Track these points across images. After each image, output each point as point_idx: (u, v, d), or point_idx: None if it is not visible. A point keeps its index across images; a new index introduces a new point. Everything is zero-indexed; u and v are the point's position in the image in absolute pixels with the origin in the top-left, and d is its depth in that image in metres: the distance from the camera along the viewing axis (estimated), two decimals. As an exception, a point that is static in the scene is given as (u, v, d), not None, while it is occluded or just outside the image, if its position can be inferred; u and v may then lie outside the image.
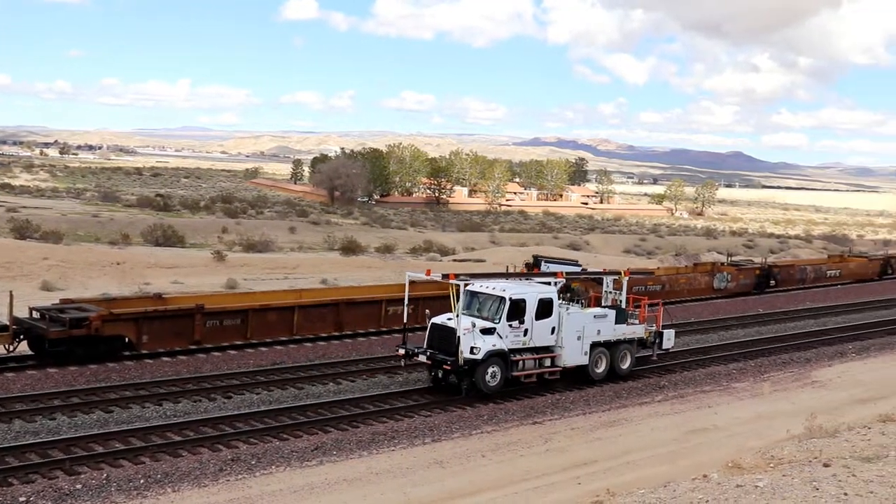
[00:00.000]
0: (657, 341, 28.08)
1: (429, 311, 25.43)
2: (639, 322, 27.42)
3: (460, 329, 23.08)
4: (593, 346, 25.89)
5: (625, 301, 27.73)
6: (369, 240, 76.68)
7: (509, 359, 23.87)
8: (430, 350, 23.92)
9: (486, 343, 23.26)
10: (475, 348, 23.04)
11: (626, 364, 27.10)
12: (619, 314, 26.73)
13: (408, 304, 25.84)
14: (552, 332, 24.77)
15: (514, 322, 23.85)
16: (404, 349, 24.62)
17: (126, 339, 25.75)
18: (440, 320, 24.27)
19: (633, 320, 27.23)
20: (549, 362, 24.91)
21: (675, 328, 30.22)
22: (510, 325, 23.79)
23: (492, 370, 23.49)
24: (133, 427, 19.92)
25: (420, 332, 26.45)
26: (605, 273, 29.36)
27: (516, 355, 24.08)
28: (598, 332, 26.01)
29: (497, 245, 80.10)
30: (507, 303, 23.74)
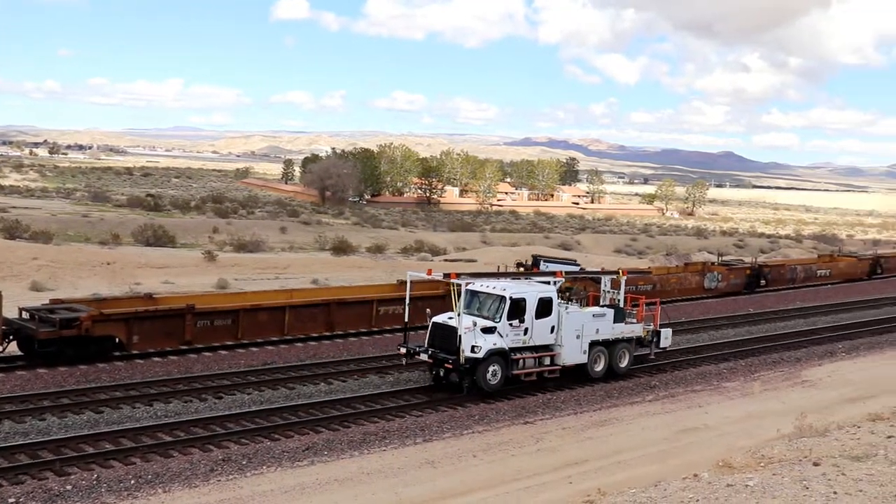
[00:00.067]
0: (655, 340, 28.29)
1: (429, 310, 25.57)
2: (636, 321, 27.58)
3: (461, 328, 23.22)
4: (592, 344, 26.05)
5: (623, 300, 27.90)
6: (360, 240, 76.56)
7: (510, 357, 24.05)
8: (431, 349, 24.07)
9: (487, 342, 23.40)
10: (476, 347, 23.20)
11: (624, 362, 27.24)
12: (618, 313, 26.90)
13: (400, 304, 25.81)
14: (552, 331, 24.92)
15: (515, 321, 24.00)
16: (406, 348, 24.71)
17: (116, 340, 25.67)
18: (441, 319, 24.39)
19: (630, 319, 27.41)
20: (548, 361, 25.09)
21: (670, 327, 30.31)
22: (510, 324, 23.93)
23: (493, 369, 23.63)
24: (123, 428, 19.87)
25: (412, 332, 26.40)
26: (603, 273, 29.48)
27: (516, 354, 24.25)
28: (597, 331, 26.17)
29: (488, 245, 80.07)
30: (508, 302, 23.89)
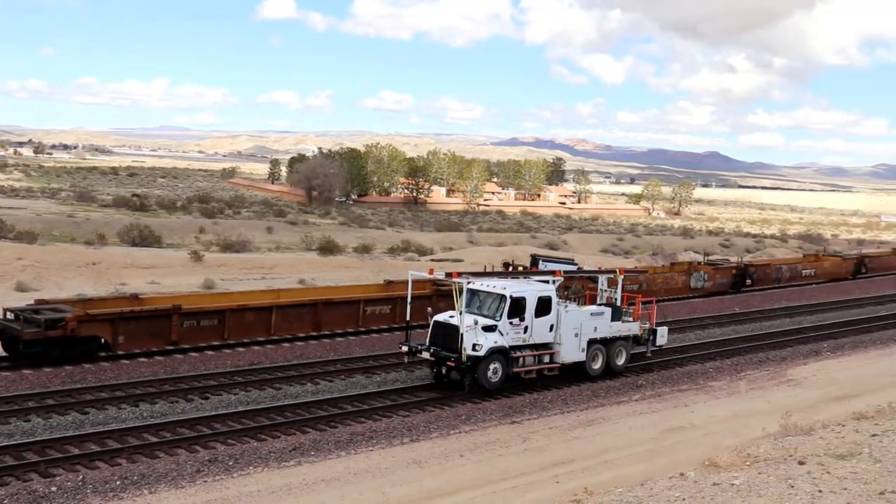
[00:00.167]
0: (651, 338, 28.64)
1: (430, 309, 25.77)
2: (633, 319, 27.85)
3: (463, 326, 23.35)
4: (590, 342, 26.31)
5: (620, 299, 28.11)
6: (347, 240, 76.43)
7: (510, 355, 24.29)
8: (433, 347, 24.23)
9: (488, 340, 23.62)
10: (477, 345, 23.41)
11: (621, 360, 27.49)
12: (615, 312, 27.18)
13: (387, 304, 25.85)
14: (551, 329, 25.16)
15: (515, 319, 24.22)
16: (407, 346, 24.84)
17: (102, 340, 25.56)
18: (443, 318, 24.57)
19: (627, 318, 27.70)
20: (547, 359, 25.35)
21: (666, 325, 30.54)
22: (511, 323, 24.14)
23: (493, 366, 23.86)
24: (109, 428, 19.79)
25: (399, 332, 26.42)
26: (600, 272, 29.70)
27: (517, 352, 24.50)
28: (595, 329, 26.42)
29: (475, 245, 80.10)
30: (508, 301, 24.10)
